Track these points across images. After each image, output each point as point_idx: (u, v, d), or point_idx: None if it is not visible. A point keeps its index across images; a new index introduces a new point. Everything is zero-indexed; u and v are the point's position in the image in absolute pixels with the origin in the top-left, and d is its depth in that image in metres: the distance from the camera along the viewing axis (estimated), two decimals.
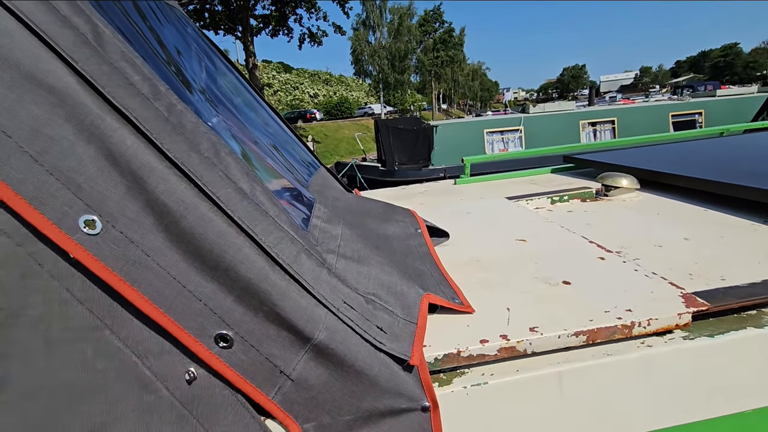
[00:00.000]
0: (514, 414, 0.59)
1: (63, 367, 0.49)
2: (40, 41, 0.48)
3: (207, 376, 0.53)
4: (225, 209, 0.52)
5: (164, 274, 0.50)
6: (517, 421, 0.59)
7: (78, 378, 0.49)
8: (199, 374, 0.52)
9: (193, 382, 0.52)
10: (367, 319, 0.58)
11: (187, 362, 0.53)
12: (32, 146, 0.46)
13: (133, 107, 0.51)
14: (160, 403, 0.51)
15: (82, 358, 0.50)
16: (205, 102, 0.80)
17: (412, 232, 0.97)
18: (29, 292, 0.48)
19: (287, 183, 0.83)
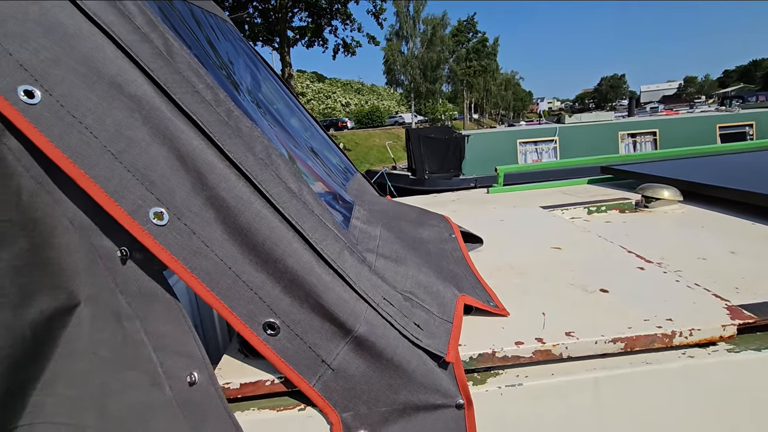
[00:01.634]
0: (549, 417, 0.59)
1: (101, 346, 0.54)
2: (124, 54, 0.54)
3: (207, 383, 0.56)
4: (277, 206, 0.56)
5: (221, 263, 0.55)
6: (551, 424, 0.59)
7: (106, 358, 0.54)
8: (200, 380, 0.56)
9: (193, 385, 0.56)
10: (405, 315, 0.60)
11: (191, 366, 0.56)
12: (114, 146, 0.52)
13: (199, 112, 0.56)
14: (160, 399, 0.55)
15: (114, 340, 0.54)
16: (255, 108, 0.85)
17: (446, 236, 0.99)
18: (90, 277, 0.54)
19: (328, 185, 0.87)
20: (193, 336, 0.56)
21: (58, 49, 0.51)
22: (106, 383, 0.52)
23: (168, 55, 0.59)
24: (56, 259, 0.51)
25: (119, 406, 0.52)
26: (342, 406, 0.58)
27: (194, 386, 0.54)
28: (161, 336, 0.54)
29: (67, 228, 0.52)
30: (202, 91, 0.60)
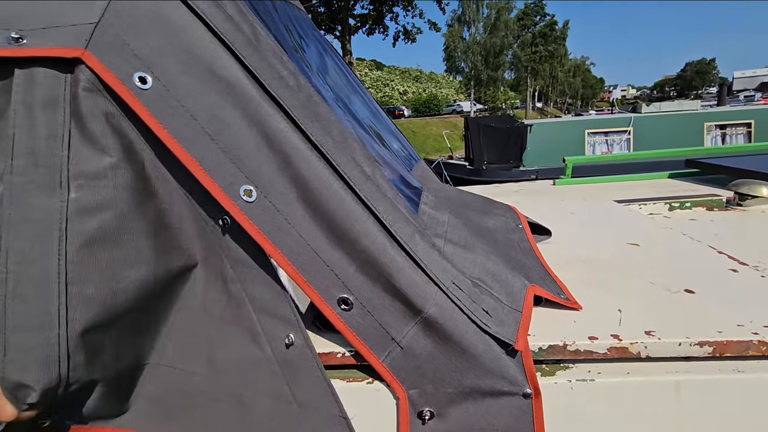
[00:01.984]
0: (622, 416, 0.57)
1: (210, 304, 0.60)
2: (220, 42, 0.58)
3: (302, 345, 0.60)
4: (354, 188, 0.58)
5: (301, 240, 0.58)
6: (624, 423, 0.57)
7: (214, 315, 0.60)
8: (296, 342, 0.60)
9: (289, 346, 0.60)
10: (474, 301, 0.61)
11: (287, 328, 0.61)
12: (210, 127, 0.57)
13: (285, 97, 0.59)
14: (261, 356, 0.60)
15: (221, 299, 0.60)
16: (329, 94, 0.88)
17: (512, 226, 0.97)
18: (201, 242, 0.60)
19: (396, 170, 0.88)
20: (288, 301, 0.60)
21: (165, 39, 0.57)
22: (213, 337, 0.59)
23: (256, 43, 0.63)
24: (176, 225, 0.58)
25: (224, 359, 0.59)
26: (409, 383, 0.60)
27: (291, 347, 0.59)
28: (260, 299, 0.60)
29: (181, 197, 0.59)
30: (286, 77, 0.63)
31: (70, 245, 0.53)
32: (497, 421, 0.58)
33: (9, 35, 0.54)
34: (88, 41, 0.55)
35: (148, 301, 0.58)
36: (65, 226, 0.53)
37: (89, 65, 0.54)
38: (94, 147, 0.55)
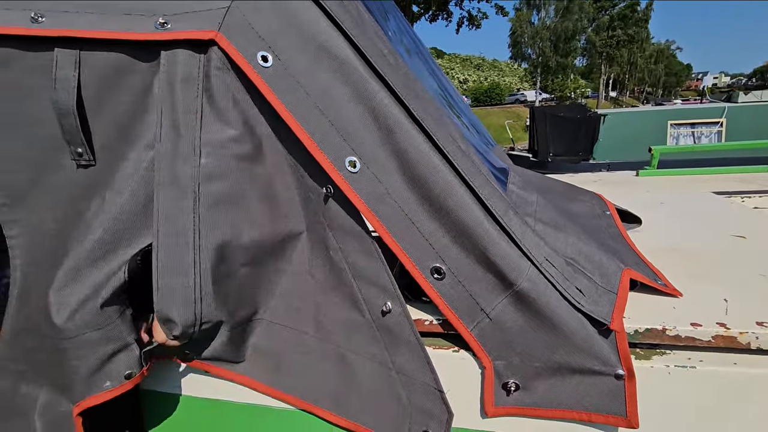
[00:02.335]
0: (724, 408, 0.55)
1: (315, 269, 0.66)
2: (332, 23, 0.62)
3: (399, 313, 0.63)
4: (452, 161, 0.60)
5: (399, 210, 0.61)
6: (727, 415, 0.55)
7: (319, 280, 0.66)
8: (393, 310, 0.64)
9: (386, 314, 0.64)
10: (567, 278, 0.61)
11: (385, 297, 0.64)
12: (321, 102, 0.61)
13: (388, 74, 0.63)
14: (362, 321, 0.64)
15: (324, 266, 0.66)
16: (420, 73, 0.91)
17: (599, 212, 0.94)
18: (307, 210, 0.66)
19: (483, 150, 0.89)
20: (386, 270, 0.64)
21: (284, 21, 0.62)
22: (319, 301, 0.65)
23: (361, 23, 0.66)
24: (285, 193, 0.64)
25: (330, 321, 0.65)
26: (495, 353, 0.61)
27: (388, 315, 0.63)
28: (359, 267, 0.64)
29: (290, 168, 0.65)
30: (387, 55, 0.66)
31: (201, 205, 0.61)
32: (586, 399, 0.59)
33: (157, 21, 0.62)
34: (220, 24, 0.62)
35: (262, 261, 0.65)
36: (198, 189, 0.61)
37: (221, 46, 0.61)
38: (220, 119, 0.62)
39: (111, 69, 0.63)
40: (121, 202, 0.63)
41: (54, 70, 0.62)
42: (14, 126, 0.63)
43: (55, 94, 0.61)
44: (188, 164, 0.60)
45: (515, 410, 0.61)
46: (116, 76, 0.63)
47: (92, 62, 0.62)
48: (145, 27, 0.62)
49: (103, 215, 0.63)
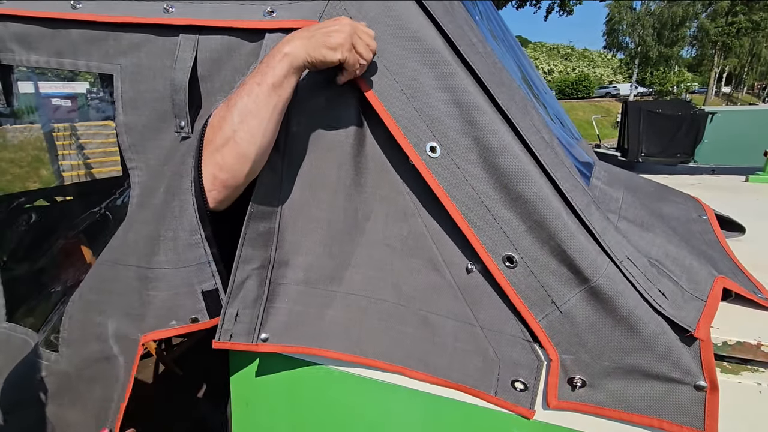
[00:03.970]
0: None
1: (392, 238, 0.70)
2: (423, 12, 0.65)
3: (483, 269, 0.64)
4: (534, 152, 0.60)
5: (476, 196, 0.63)
6: None
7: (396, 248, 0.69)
8: (477, 269, 0.65)
9: (470, 272, 0.66)
10: (650, 280, 0.58)
11: (469, 257, 0.66)
12: (408, 89, 0.64)
13: (475, 62, 0.64)
14: (443, 283, 0.67)
15: (401, 233, 0.69)
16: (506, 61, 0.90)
17: (694, 217, 0.86)
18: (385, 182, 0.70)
19: (568, 142, 0.86)
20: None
21: (379, 10, 0.65)
22: (396, 268, 0.69)
23: (452, 12, 0.68)
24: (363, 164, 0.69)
25: (409, 286, 0.68)
26: (563, 347, 0.61)
27: (471, 273, 0.66)
28: (439, 231, 0.67)
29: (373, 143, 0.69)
30: (476, 43, 0.67)
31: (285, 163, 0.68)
32: (659, 406, 0.56)
33: (266, 9, 0.69)
34: (321, 14, 0.67)
35: (337, 240, 0.70)
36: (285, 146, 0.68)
37: None
38: (312, 95, 0.68)
39: (222, 51, 0.71)
40: None
41: (177, 53, 0.72)
42: (146, 101, 0.74)
43: (173, 73, 0.71)
44: (281, 130, 0.67)
45: (579, 406, 0.60)
46: (225, 57, 0.71)
47: (207, 45, 0.71)
48: (254, 15, 0.69)
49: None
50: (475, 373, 0.65)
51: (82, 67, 0.79)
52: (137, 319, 0.73)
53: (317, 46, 0.60)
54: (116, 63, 0.76)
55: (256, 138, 0.62)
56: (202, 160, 0.65)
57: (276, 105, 0.62)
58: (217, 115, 0.65)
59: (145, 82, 0.75)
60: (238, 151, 0.63)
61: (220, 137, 0.63)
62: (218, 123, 0.64)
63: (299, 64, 0.61)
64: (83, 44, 0.78)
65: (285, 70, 0.61)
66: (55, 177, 3.90)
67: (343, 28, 0.60)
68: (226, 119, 0.63)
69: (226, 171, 0.64)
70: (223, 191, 0.66)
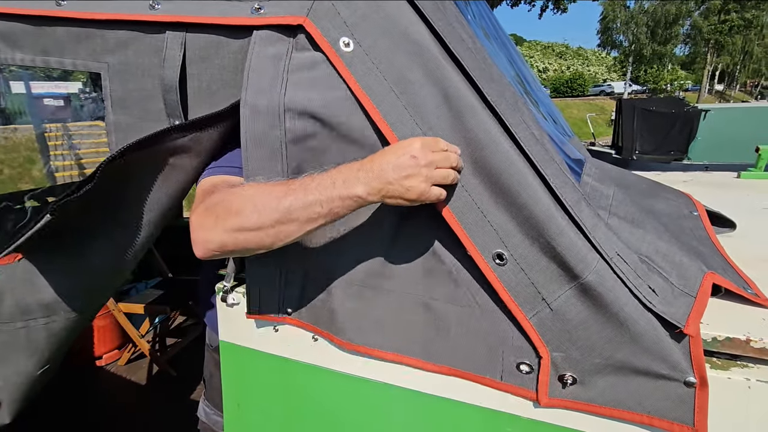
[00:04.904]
0: None
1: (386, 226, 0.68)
2: (413, 8, 0.64)
3: None
4: (524, 148, 0.60)
5: (464, 193, 0.62)
6: None
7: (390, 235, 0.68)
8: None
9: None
10: (639, 276, 0.58)
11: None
12: (397, 86, 0.64)
13: (465, 58, 0.63)
14: (441, 268, 0.66)
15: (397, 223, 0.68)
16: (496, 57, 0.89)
17: (685, 213, 0.86)
18: None
19: (559, 139, 0.86)
20: None
21: (369, 8, 0.65)
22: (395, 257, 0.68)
23: (443, 8, 0.67)
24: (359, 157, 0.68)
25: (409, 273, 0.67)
26: (554, 345, 0.61)
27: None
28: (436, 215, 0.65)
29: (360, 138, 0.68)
30: (466, 39, 0.66)
31: (288, 166, 0.67)
32: (650, 402, 0.56)
33: (253, 6, 0.69)
34: (309, 10, 0.66)
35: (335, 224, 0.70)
36: (285, 151, 0.67)
37: (308, 30, 0.65)
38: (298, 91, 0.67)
39: (210, 49, 0.70)
40: None
41: (164, 50, 0.71)
42: (135, 100, 0.73)
43: (163, 72, 0.70)
44: (275, 127, 0.66)
45: (569, 404, 0.60)
46: (213, 55, 0.70)
47: (195, 43, 0.70)
48: (242, 12, 0.69)
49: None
50: (480, 358, 0.64)
51: (69, 65, 0.78)
52: None
53: (395, 197, 0.57)
54: (103, 61, 0.75)
55: (287, 241, 0.60)
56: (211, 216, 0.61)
57: (323, 225, 0.60)
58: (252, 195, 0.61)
59: (134, 80, 0.74)
60: (263, 242, 0.60)
61: (250, 220, 0.59)
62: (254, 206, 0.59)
63: (366, 205, 0.59)
64: (69, 42, 0.77)
65: (351, 208, 0.58)
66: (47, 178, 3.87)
67: (419, 175, 0.55)
68: (267, 210, 0.58)
69: (240, 247, 0.61)
70: (223, 255, 0.64)
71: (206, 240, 0.61)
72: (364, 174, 0.57)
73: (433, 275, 0.66)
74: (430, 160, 0.56)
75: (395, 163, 0.56)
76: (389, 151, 0.58)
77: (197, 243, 0.62)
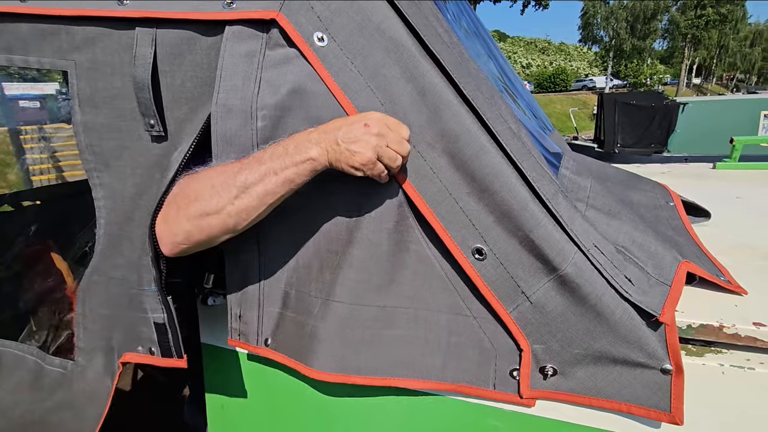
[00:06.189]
0: None
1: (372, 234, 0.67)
2: (388, 3, 0.63)
3: None
4: (501, 142, 0.60)
5: (443, 189, 0.62)
6: None
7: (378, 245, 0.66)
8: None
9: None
10: (616, 266, 0.59)
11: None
12: (373, 82, 0.63)
13: (441, 52, 0.63)
14: (432, 275, 0.65)
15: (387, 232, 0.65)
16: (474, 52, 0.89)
17: (662, 203, 0.88)
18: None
19: (537, 133, 0.87)
20: None
21: (343, 2, 0.64)
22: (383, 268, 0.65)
23: (418, 2, 0.67)
24: None
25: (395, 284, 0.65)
26: (534, 337, 0.61)
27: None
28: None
29: None
30: (442, 34, 0.66)
31: None
32: (627, 390, 0.57)
33: (225, 1, 0.67)
34: (282, 4, 0.65)
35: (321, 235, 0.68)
36: (256, 150, 0.65)
37: (281, 24, 0.64)
38: (276, 92, 0.66)
39: (182, 45, 0.68)
40: None
41: (135, 47, 0.69)
42: (104, 99, 0.71)
43: (134, 70, 0.68)
44: (246, 126, 0.64)
45: (551, 395, 0.61)
46: (186, 52, 0.68)
47: (166, 40, 0.68)
48: (213, 6, 0.67)
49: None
50: (472, 367, 0.63)
51: (34, 63, 0.75)
52: (124, 338, 0.72)
53: (340, 160, 0.58)
54: (70, 59, 0.72)
55: (250, 219, 0.60)
56: (172, 207, 0.61)
57: (282, 195, 0.60)
58: (209, 177, 0.61)
59: (103, 79, 0.72)
60: (226, 224, 0.60)
61: (210, 203, 0.59)
62: (212, 187, 0.59)
63: (320, 170, 0.59)
64: (34, 39, 0.74)
65: (306, 173, 0.58)
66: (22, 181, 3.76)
67: (368, 143, 0.56)
68: (224, 189, 0.58)
69: (205, 235, 0.61)
70: (193, 248, 0.63)
71: (171, 233, 0.60)
72: (316, 135, 0.58)
73: (423, 283, 0.65)
74: (381, 132, 0.56)
75: (347, 127, 0.57)
76: (347, 117, 0.60)
77: (162, 238, 0.61)
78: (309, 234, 0.69)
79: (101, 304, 0.76)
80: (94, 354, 0.78)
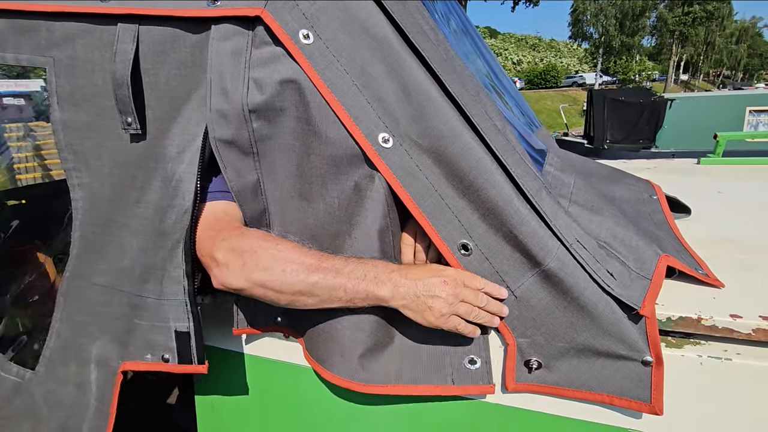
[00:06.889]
0: (759, 404, 0.53)
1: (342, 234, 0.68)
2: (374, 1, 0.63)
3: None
4: (486, 139, 0.61)
5: (429, 186, 0.63)
6: (761, 412, 0.53)
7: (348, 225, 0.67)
8: None
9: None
10: (598, 261, 0.60)
11: None
12: (359, 80, 0.63)
13: (426, 49, 0.63)
14: None
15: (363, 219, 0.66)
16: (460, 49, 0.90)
17: (645, 197, 0.90)
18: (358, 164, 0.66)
19: (522, 130, 0.87)
20: None
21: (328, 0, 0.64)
22: None
23: (404, 2, 0.67)
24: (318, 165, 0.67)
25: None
26: (519, 331, 0.62)
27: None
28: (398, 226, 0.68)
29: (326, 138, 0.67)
30: (428, 31, 0.66)
31: (261, 163, 0.66)
32: (610, 382, 0.58)
33: None
34: (266, 2, 0.65)
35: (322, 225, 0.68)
36: (256, 149, 0.65)
37: (266, 22, 0.64)
38: (261, 88, 0.65)
39: (166, 43, 0.68)
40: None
41: (116, 44, 0.68)
42: (85, 96, 0.70)
43: (114, 66, 0.67)
44: (242, 129, 0.65)
45: (536, 388, 0.62)
46: (170, 50, 0.68)
47: (149, 37, 0.68)
48: (197, 3, 0.66)
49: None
50: (428, 365, 0.64)
51: (11, 60, 0.74)
52: (121, 346, 0.71)
53: (414, 310, 0.60)
54: (49, 56, 0.71)
55: (298, 308, 0.64)
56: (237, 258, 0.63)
57: (338, 307, 0.63)
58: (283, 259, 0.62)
59: (83, 76, 0.71)
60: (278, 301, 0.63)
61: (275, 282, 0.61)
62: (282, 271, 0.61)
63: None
64: (12, 35, 0.73)
65: (367, 305, 0.62)
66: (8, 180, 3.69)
67: (444, 300, 0.59)
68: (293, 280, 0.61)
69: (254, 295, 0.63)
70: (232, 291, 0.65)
71: (227, 282, 0.63)
72: (397, 276, 0.61)
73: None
74: (456, 292, 0.59)
75: (428, 280, 0.60)
76: (426, 267, 0.63)
77: (217, 279, 0.64)
78: (305, 229, 0.69)
79: (79, 311, 0.74)
80: (60, 363, 0.76)
